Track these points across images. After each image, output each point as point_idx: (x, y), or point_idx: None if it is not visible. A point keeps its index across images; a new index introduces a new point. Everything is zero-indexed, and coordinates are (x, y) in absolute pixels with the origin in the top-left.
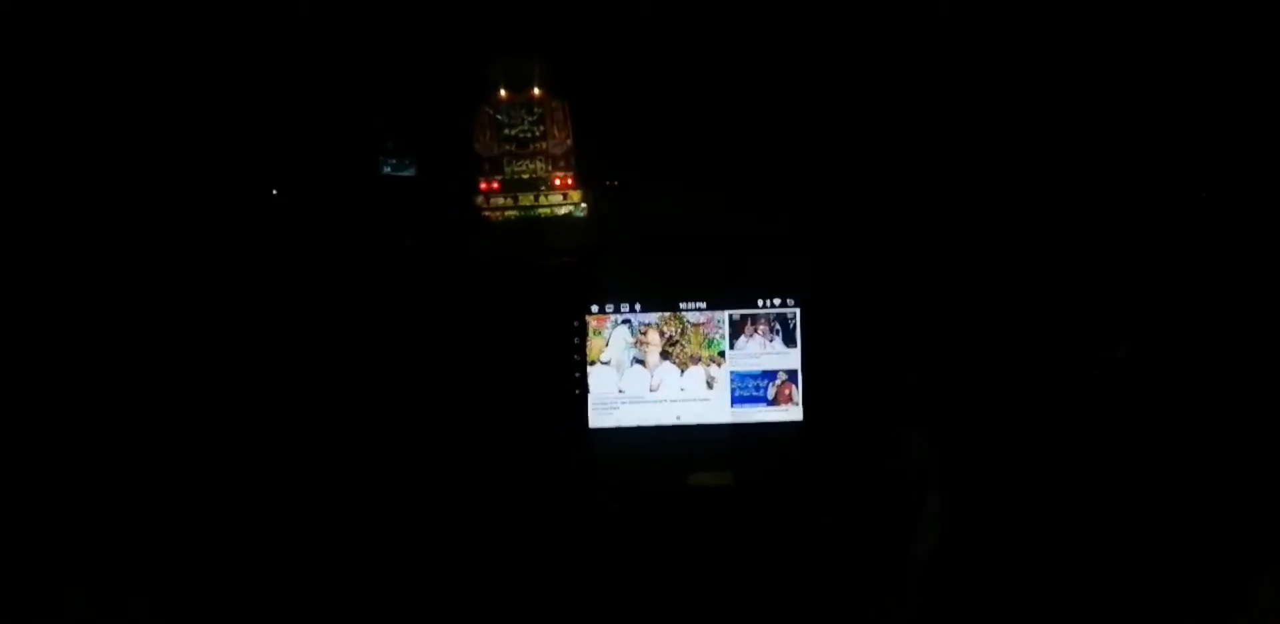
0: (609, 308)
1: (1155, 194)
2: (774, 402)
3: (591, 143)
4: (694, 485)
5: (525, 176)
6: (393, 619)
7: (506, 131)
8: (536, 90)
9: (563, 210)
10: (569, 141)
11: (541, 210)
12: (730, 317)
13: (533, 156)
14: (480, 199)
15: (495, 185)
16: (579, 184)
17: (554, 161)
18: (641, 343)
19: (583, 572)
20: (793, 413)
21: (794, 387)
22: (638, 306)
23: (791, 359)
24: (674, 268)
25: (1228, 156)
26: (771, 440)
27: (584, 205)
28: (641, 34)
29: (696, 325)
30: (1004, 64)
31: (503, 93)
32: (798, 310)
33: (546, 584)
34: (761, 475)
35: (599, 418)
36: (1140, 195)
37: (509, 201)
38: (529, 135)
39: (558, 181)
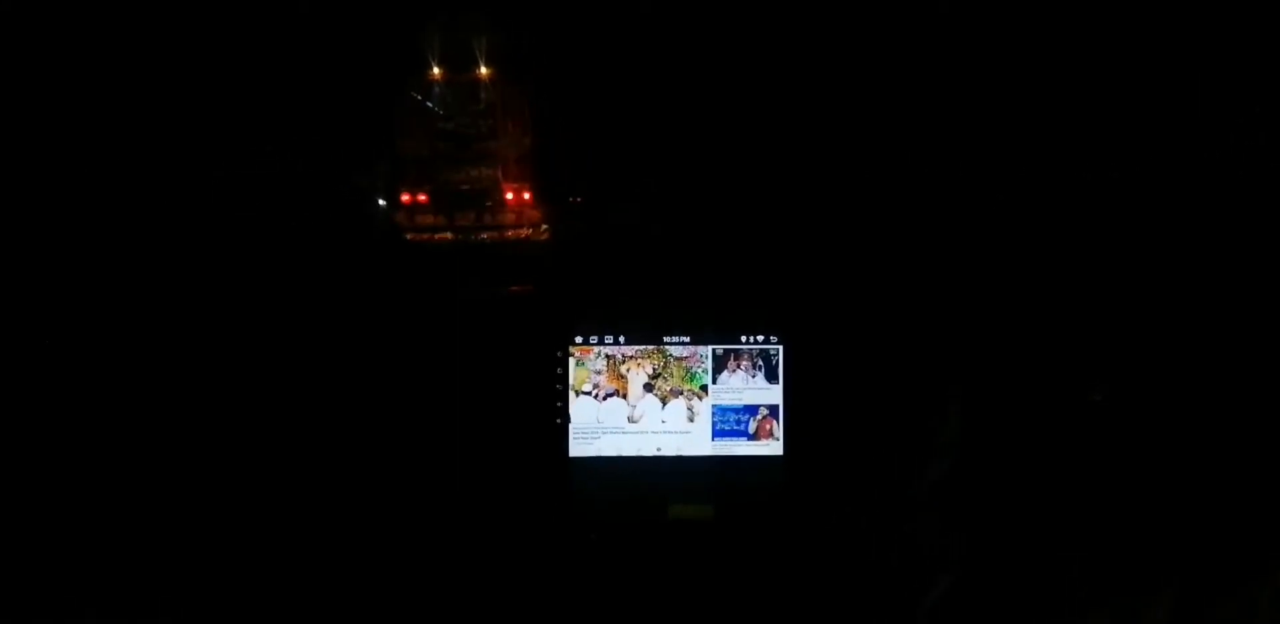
0: (593, 339)
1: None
2: (755, 436)
3: (558, 143)
4: (673, 518)
5: (465, 187)
6: None
7: (441, 125)
8: (484, 69)
9: (517, 234)
10: (527, 140)
11: (486, 234)
12: (714, 351)
13: (477, 160)
14: (400, 215)
15: (422, 198)
16: (540, 199)
17: (506, 168)
18: (624, 375)
19: (560, 600)
20: (773, 447)
21: (775, 422)
22: (621, 339)
23: (773, 395)
24: (657, 300)
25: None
26: (751, 474)
27: (545, 227)
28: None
29: (680, 359)
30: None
31: (436, 71)
32: (780, 347)
33: (525, 612)
34: (741, 509)
35: (579, 447)
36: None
37: (441, 220)
38: (473, 131)
39: (510, 195)
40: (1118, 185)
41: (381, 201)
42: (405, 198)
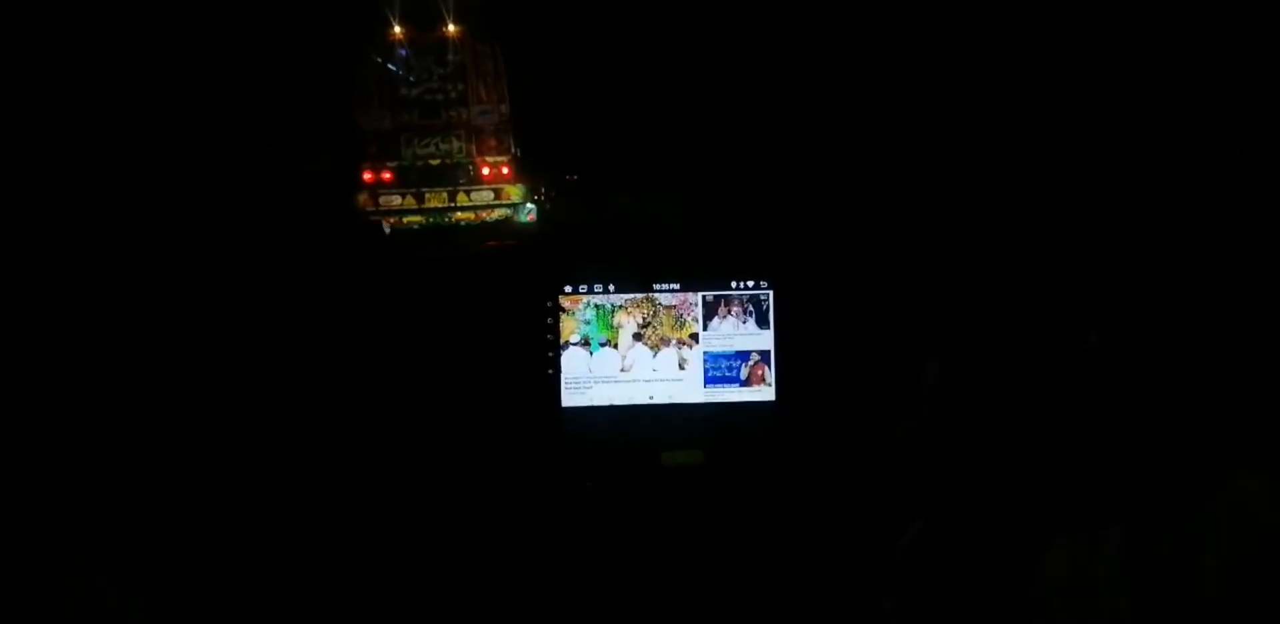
0: (582, 289)
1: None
2: (747, 382)
3: (540, 111)
4: (667, 464)
5: (435, 162)
6: (365, 596)
7: (405, 92)
8: (452, 26)
9: (495, 214)
10: (504, 107)
11: (461, 215)
12: (704, 298)
13: (446, 131)
14: (363, 196)
15: (387, 176)
16: (520, 174)
17: (480, 139)
18: (616, 325)
19: (555, 548)
20: (765, 393)
21: (766, 367)
22: (611, 288)
23: (764, 340)
24: (647, 250)
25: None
26: (744, 420)
27: (531, 207)
28: None
29: (669, 307)
30: (969, 52)
31: (398, 30)
32: (771, 292)
33: (520, 561)
34: (733, 454)
35: (572, 397)
36: (1112, 184)
37: (409, 202)
38: (440, 98)
39: (486, 170)
40: (1095, 144)
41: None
42: (367, 176)
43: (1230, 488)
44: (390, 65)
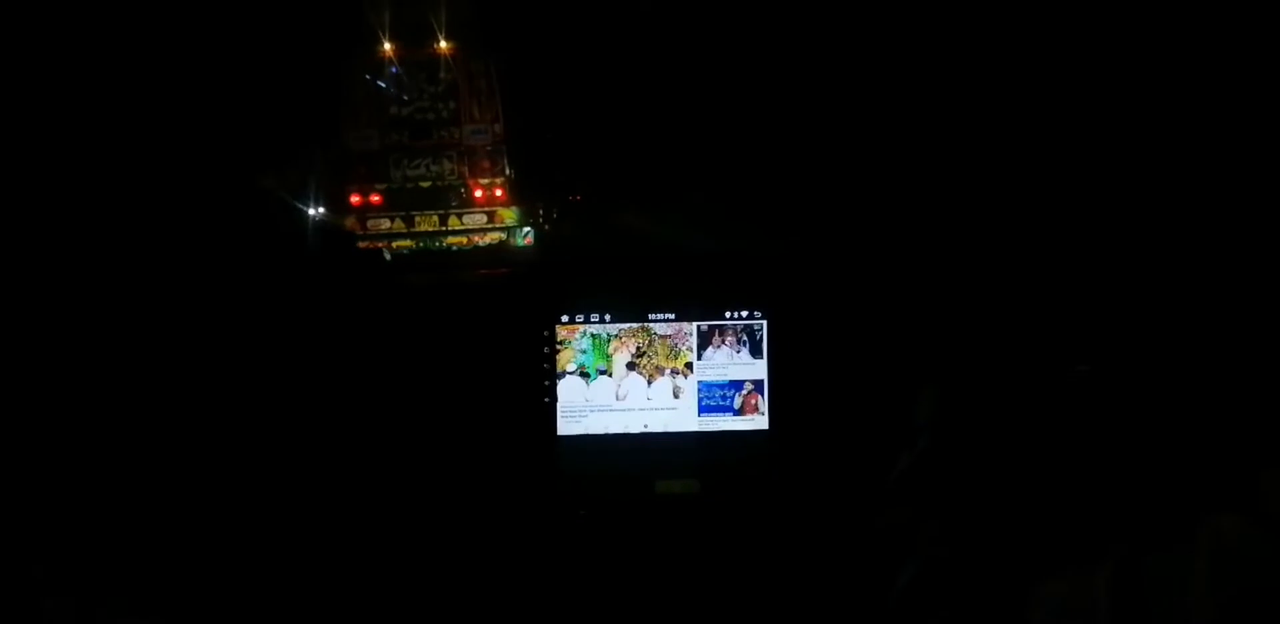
0: (579, 318)
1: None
2: (740, 411)
3: (537, 130)
4: (661, 493)
5: (425, 184)
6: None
7: (395, 111)
8: (443, 42)
9: (488, 239)
10: (497, 126)
11: (452, 239)
12: (699, 328)
13: (437, 152)
14: (350, 219)
15: (374, 198)
16: (515, 196)
17: (473, 160)
18: (611, 354)
19: (550, 575)
20: (759, 422)
21: (760, 397)
22: (607, 317)
23: (758, 370)
24: (642, 280)
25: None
26: (737, 448)
27: (527, 231)
28: None
29: (664, 337)
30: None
31: (388, 47)
32: (765, 322)
33: (513, 587)
34: (727, 483)
35: (567, 425)
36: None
37: (399, 225)
38: (431, 117)
39: (479, 192)
40: (1089, 164)
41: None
42: (355, 199)
43: (1210, 531)
44: (379, 83)
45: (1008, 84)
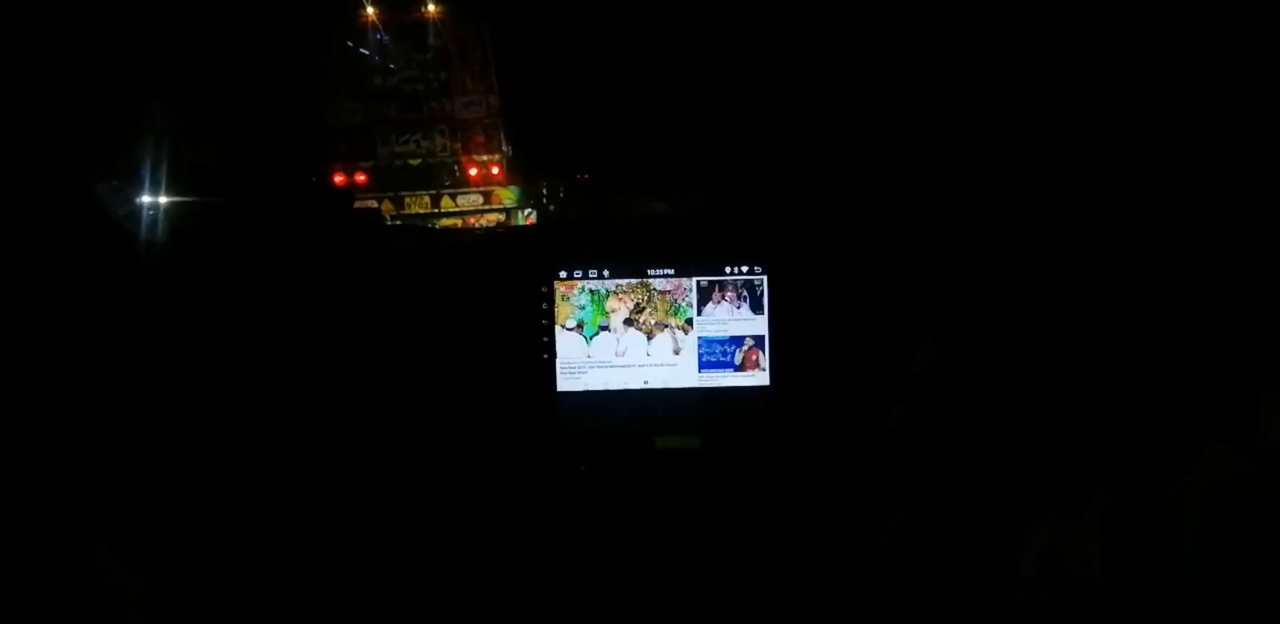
0: (576, 274)
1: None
2: (741, 367)
3: (539, 101)
4: (660, 449)
5: (415, 162)
6: (361, 577)
7: (380, 81)
8: (433, 5)
9: (485, 221)
10: (493, 98)
11: (446, 222)
12: (698, 283)
13: (428, 126)
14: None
15: (360, 177)
16: (514, 175)
17: (467, 135)
18: (609, 310)
19: (550, 531)
20: (759, 378)
21: (760, 352)
22: (605, 273)
23: (759, 325)
24: (641, 236)
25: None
26: (738, 404)
27: (529, 212)
28: None
29: (664, 293)
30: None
31: (371, 11)
32: (765, 277)
33: (514, 542)
34: (728, 439)
35: (567, 381)
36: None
37: (387, 207)
38: (420, 88)
39: (474, 170)
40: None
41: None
42: (338, 178)
43: (1202, 463)
44: (362, 50)
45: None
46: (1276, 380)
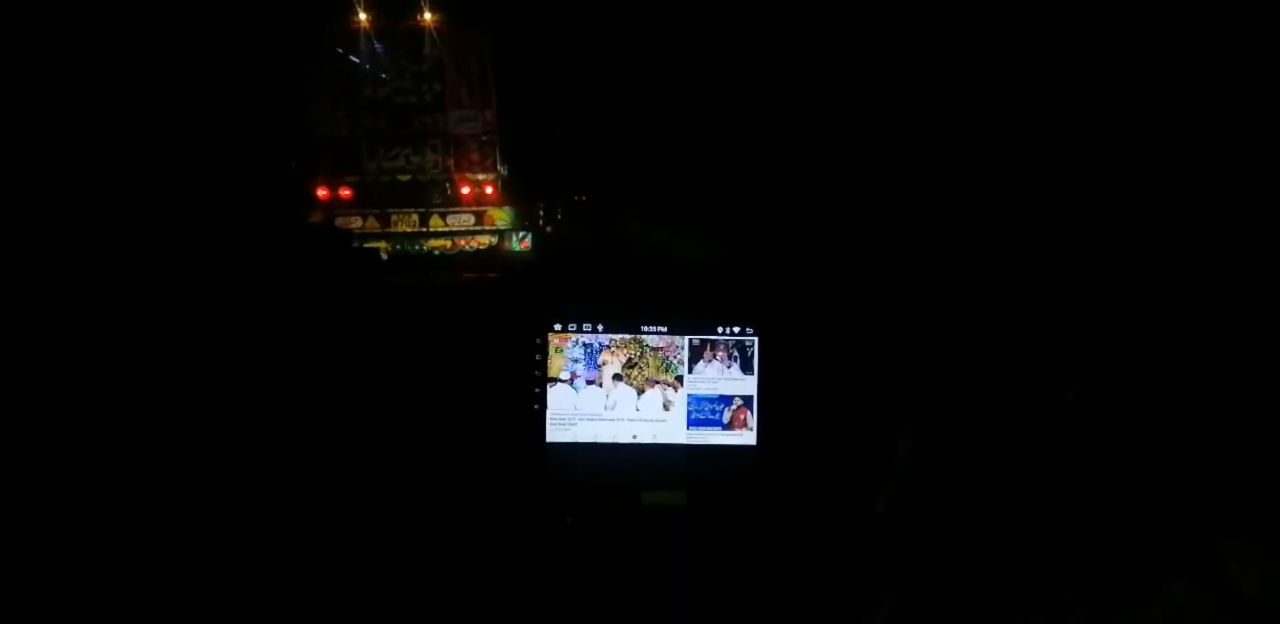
0: (571, 327)
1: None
2: (729, 426)
3: (535, 118)
4: (647, 503)
5: (404, 178)
6: None
7: (369, 92)
8: (428, 13)
9: (476, 242)
10: (489, 114)
11: (434, 243)
12: (690, 341)
13: (419, 141)
14: (316, 216)
15: (345, 192)
16: (509, 195)
17: (460, 152)
18: (601, 364)
19: (535, 582)
20: (746, 437)
21: (749, 412)
22: (600, 328)
23: (748, 386)
24: (635, 292)
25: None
26: (725, 463)
27: (524, 235)
28: None
29: (656, 349)
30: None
31: (363, 17)
32: (756, 339)
33: (500, 593)
34: (713, 496)
35: (557, 433)
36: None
37: (372, 224)
38: (413, 100)
39: (466, 189)
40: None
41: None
42: (321, 192)
43: (1167, 594)
44: (351, 58)
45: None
46: (1247, 512)
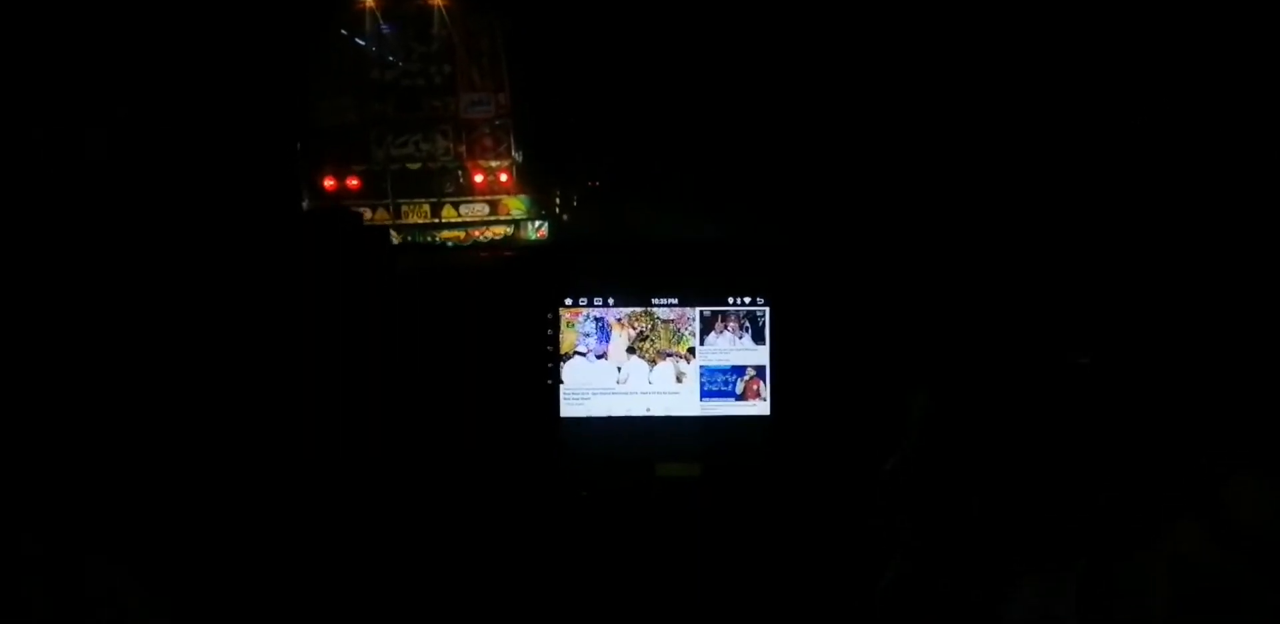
0: (582, 301)
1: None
2: (742, 396)
3: (550, 102)
4: (661, 476)
5: (414, 166)
6: (361, 604)
7: (377, 75)
8: None
9: (491, 233)
10: (502, 97)
11: (447, 234)
12: (701, 313)
13: (429, 127)
14: (323, 206)
15: (352, 182)
16: (524, 183)
17: (472, 138)
18: (613, 338)
19: (551, 556)
20: (760, 407)
21: (761, 382)
22: (610, 301)
23: (760, 356)
24: (646, 265)
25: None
26: (739, 433)
27: (540, 224)
28: None
29: (668, 321)
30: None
31: None
32: (767, 309)
33: (515, 568)
34: (727, 467)
35: (570, 408)
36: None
37: (382, 215)
38: (422, 83)
39: (480, 177)
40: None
41: None
42: (329, 182)
43: (1172, 538)
44: (358, 40)
45: (1006, 81)
46: (1252, 453)
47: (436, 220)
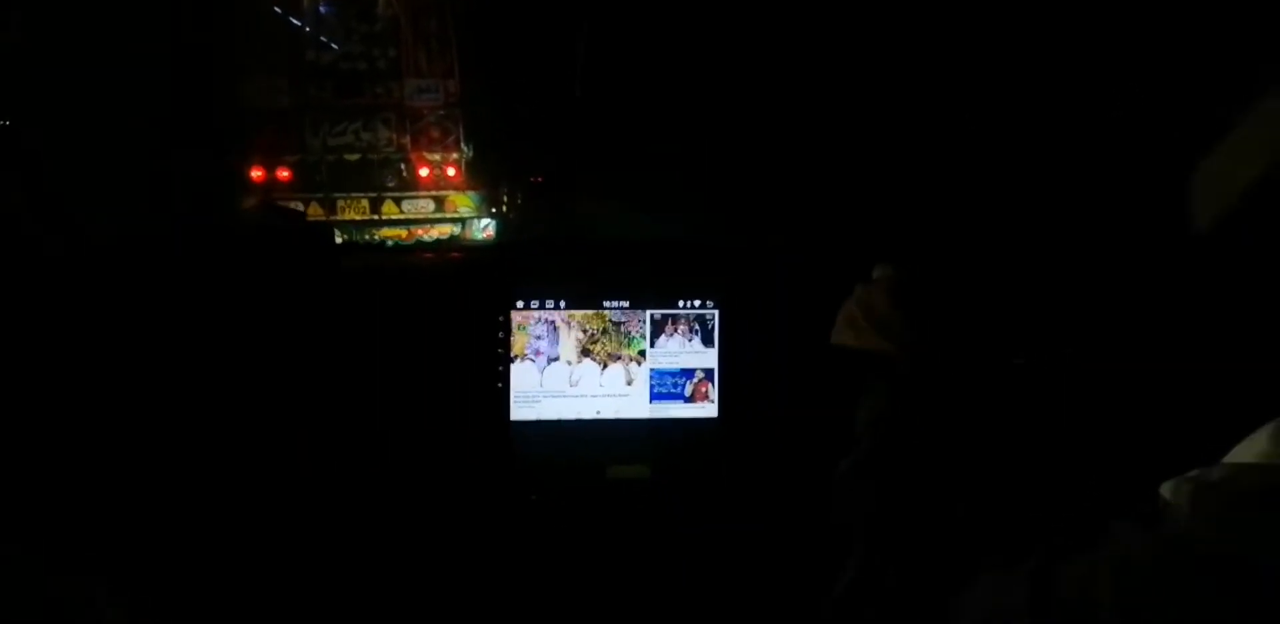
0: (534, 304)
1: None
2: (691, 398)
3: (504, 91)
4: (611, 478)
5: (353, 157)
6: (311, 606)
7: (313, 56)
8: None
9: (436, 232)
10: (451, 84)
11: (387, 232)
12: (652, 316)
13: (370, 115)
14: (250, 200)
15: (284, 173)
16: (473, 178)
17: (418, 128)
18: (564, 339)
19: (502, 559)
20: (709, 410)
21: (710, 385)
22: (562, 304)
23: (709, 358)
24: (597, 267)
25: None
26: (687, 435)
27: (487, 223)
28: None
29: (618, 324)
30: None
31: None
32: (716, 312)
33: (465, 571)
34: (677, 469)
35: (520, 411)
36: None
37: (316, 210)
38: (363, 67)
39: (425, 171)
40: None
41: None
42: (256, 173)
43: (1111, 536)
44: (291, 18)
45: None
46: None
47: (376, 217)
